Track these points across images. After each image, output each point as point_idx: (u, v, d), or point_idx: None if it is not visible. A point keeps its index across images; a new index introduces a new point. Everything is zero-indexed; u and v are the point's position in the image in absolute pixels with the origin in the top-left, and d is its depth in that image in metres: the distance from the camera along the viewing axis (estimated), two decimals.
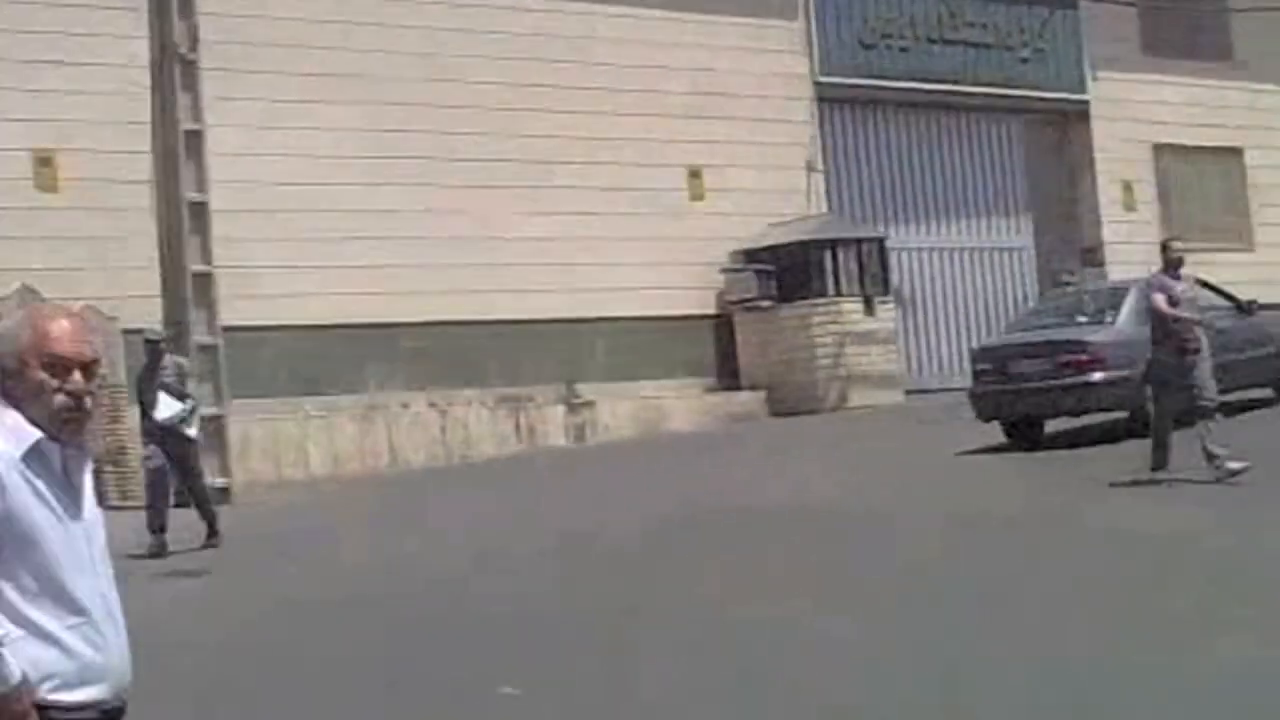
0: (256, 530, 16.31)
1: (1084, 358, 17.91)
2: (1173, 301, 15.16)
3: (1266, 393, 19.82)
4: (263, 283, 20.39)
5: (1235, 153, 30.62)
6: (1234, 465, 14.67)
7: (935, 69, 27.10)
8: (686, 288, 23.93)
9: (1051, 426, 18.63)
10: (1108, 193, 29.05)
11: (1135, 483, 14.98)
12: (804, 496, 15.61)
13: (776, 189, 24.88)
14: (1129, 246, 28.71)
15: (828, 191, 25.74)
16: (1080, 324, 18.79)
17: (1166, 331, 15.11)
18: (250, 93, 20.67)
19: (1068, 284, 27.71)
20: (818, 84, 25.78)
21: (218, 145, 19.07)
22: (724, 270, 24.41)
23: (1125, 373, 17.17)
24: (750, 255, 24.42)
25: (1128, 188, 29.21)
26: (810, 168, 25.44)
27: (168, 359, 16.01)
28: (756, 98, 24.98)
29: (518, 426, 22.01)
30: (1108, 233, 28.88)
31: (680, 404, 23.36)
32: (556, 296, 22.77)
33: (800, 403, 23.66)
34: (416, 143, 21.95)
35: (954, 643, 9.63)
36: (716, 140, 24.48)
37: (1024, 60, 28.28)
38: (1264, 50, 30.20)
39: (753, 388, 24.06)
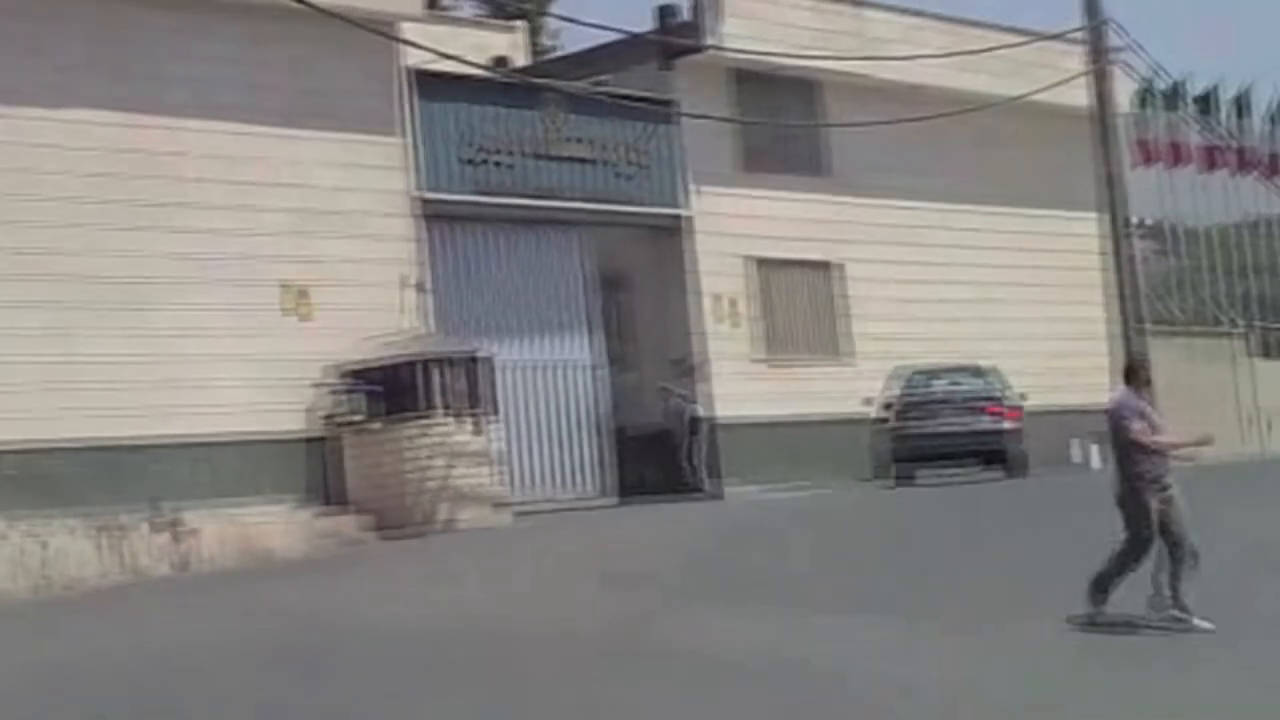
0: None
1: None
2: (1154, 429, 13.87)
3: None
4: None
5: (829, 266, 31.46)
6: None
7: (538, 184, 27.24)
8: (289, 408, 23.39)
9: None
10: (703, 306, 29.57)
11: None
12: None
13: (383, 307, 24.58)
14: (723, 360, 29.51)
15: (435, 309, 25.53)
16: None
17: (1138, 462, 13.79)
18: None
19: (667, 390, 28.52)
20: (421, 200, 25.62)
21: None
22: (327, 388, 23.95)
23: None
24: (356, 374, 24.03)
25: (718, 300, 29.78)
26: (413, 284, 25.20)
27: None
28: (359, 214, 24.71)
29: (101, 548, 21.04)
30: (706, 345, 29.42)
31: (280, 528, 22.69)
32: (147, 419, 22.05)
33: (407, 524, 23.26)
34: None
35: None
36: (320, 258, 24.13)
37: (627, 176, 28.64)
38: (857, 163, 31.20)
39: (358, 510, 23.59)
